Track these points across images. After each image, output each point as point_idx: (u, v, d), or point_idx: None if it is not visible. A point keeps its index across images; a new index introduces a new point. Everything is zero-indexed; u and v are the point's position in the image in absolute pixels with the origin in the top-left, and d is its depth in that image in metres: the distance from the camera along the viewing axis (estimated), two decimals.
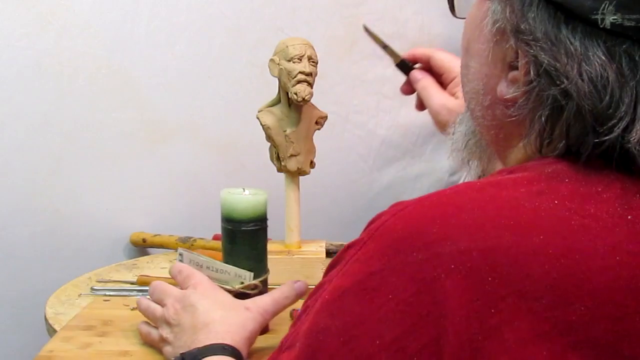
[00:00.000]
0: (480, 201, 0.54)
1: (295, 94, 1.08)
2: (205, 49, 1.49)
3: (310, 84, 1.09)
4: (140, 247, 1.45)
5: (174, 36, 1.45)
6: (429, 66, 1.02)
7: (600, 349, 0.50)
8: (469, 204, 0.53)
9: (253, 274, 0.92)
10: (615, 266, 0.51)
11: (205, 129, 1.51)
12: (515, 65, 0.59)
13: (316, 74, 1.11)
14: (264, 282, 0.95)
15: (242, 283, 0.90)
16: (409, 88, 1.04)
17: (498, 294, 0.49)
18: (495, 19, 0.59)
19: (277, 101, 1.15)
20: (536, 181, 0.55)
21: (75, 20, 1.35)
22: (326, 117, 1.17)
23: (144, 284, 1.14)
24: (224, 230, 0.95)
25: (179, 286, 0.89)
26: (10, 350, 1.36)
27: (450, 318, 0.50)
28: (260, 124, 1.14)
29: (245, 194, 0.95)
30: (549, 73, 0.55)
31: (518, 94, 0.58)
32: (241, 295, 0.90)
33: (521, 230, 0.51)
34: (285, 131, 1.13)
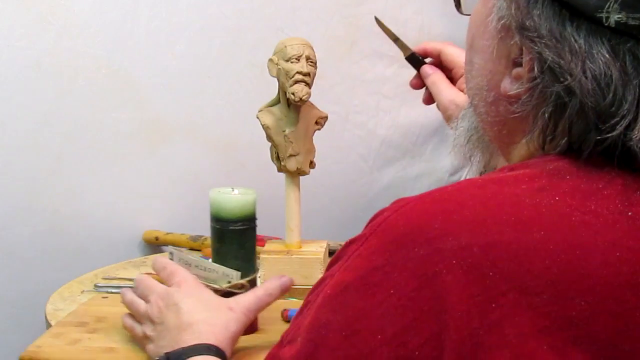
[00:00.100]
0: (482, 197, 0.54)
1: (293, 94, 1.08)
2: (205, 49, 1.49)
3: (308, 84, 1.09)
4: (154, 245, 1.46)
5: (174, 36, 1.45)
6: (439, 60, 1.02)
7: (601, 344, 0.50)
8: (470, 200, 0.54)
9: (240, 273, 0.92)
10: (615, 262, 0.51)
11: (205, 129, 1.51)
12: (520, 61, 0.59)
13: (315, 74, 1.10)
14: (251, 282, 0.95)
15: (230, 282, 0.90)
16: (418, 82, 1.04)
17: (499, 289, 0.50)
18: (500, 15, 0.59)
19: (277, 101, 1.15)
20: (537, 178, 0.55)
21: (75, 20, 1.35)
22: (326, 118, 1.17)
23: None
24: (212, 229, 0.96)
25: (164, 282, 0.89)
26: (10, 350, 1.35)
27: (451, 313, 0.50)
28: (260, 123, 1.14)
29: (234, 194, 0.95)
30: (553, 70, 0.55)
31: (522, 90, 0.59)
32: (228, 294, 0.90)
33: (522, 226, 0.52)
34: (284, 131, 1.13)
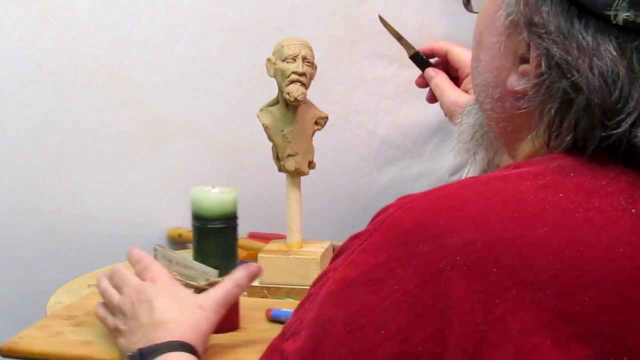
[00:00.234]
0: (486, 194, 0.54)
1: (288, 94, 1.08)
2: (205, 49, 1.49)
3: (304, 84, 1.09)
4: (178, 242, 1.46)
5: (174, 36, 1.45)
6: (445, 60, 1.03)
7: (604, 339, 0.50)
8: (474, 197, 0.54)
9: (219, 271, 0.92)
10: (618, 258, 0.51)
11: (205, 129, 1.51)
12: (527, 58, 0.59)
13: (312, 74, 1.10)
14: None
15: (208, 280, 0.91)
16: (424, 81, 1.05)
17: (502, 285, 0.50)
18: (509, 11, 0.60)
19: (277, 101, 1.15)
20: (541, 175, 0.55)
21: (75, 20, 1.35)
22: (327, 118, 1.16)
23: None
24: (192, 227, 0.96)
25: (138, 275, 0.89)
26: None
27: (455, 309, 0.50)
28: (260, 123, 1.14)
29: (213, 192, 0.96)
30: (560, 66, 0.56)
31: (528, 86, 0.59)
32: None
33: (525, 222, 0.52)
34: (282, 131, 1.13)
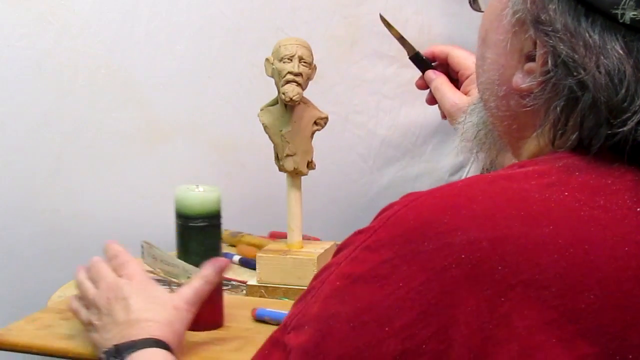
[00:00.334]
0: (491, 192, 0.54)
1: (284, 94, 1.08)
2: (205, 49, 1.48)
3: (299, 84, 1.09)
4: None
5: (174, 36, 1.45)
6: (446, 63, 1.03)
7: (609, 337, 0.50)
8: (480, 195, 0.54)
9: (200, 269, 0.93)
10: (623, 256, 0.52)
11: (205, 129, 1.51)
12: (533, 56, 0.59)
13: (309, 75, 1.10)
14: None
15: (189, 278, 0.92)
16: (424, 83, 1.05)
17: (508, 283, 0.50)
18: (515, 9, 0.60)
19: (277, 101, 1.15)
20: (547, 174, 0.56)
21: (75, 20, 1.35)
22: (326, 119, 1.16)
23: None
24: (175, 225, 0.97)
25: (114, 270, 0.90)
26: None
27: (460, 307, 0.50)
28: (260, 122, 1.14)
29: (196, 191, 0.96)
30: (567, 64, 0.56)
31: (534, 84, 0.59)
32: None
33: (531, 220, 0.52)
34: (281, 131, 1.13)
